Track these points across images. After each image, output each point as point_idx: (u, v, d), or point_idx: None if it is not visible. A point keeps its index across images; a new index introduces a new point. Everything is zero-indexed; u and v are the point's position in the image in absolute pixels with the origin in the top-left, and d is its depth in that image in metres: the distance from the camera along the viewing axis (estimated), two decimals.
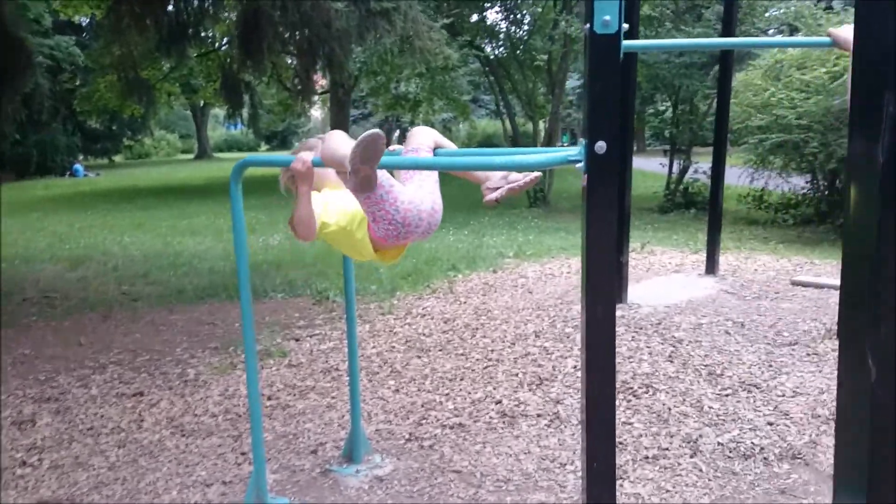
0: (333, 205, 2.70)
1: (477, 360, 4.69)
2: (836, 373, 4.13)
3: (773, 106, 9.18)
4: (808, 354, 4.52)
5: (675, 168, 13.49)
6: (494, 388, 4.19)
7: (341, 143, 2.47)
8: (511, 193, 2.64)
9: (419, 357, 4.80)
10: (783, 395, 3.91)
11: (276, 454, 3.57)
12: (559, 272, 7.13)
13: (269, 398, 4.25)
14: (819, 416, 3.64)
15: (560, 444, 3.51)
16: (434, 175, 2.70)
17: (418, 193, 2.60)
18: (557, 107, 14.96)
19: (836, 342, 4.74)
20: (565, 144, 23.03)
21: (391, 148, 2.76)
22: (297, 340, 5.27)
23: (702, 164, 13.26)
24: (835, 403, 3.76)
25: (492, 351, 4.82)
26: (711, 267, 6.67)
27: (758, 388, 4.02)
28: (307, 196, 2.52)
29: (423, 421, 3.84)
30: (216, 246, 9.74)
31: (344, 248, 2.83)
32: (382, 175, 2.47)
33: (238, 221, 2.77)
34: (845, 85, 8.37)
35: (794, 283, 6.34)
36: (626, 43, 2.16)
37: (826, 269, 6.99)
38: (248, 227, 11.46)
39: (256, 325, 5.63)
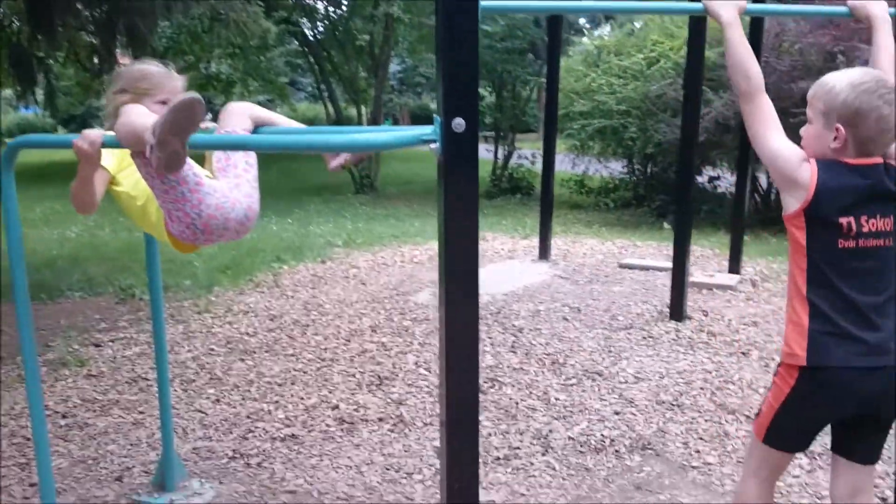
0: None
1: (309, 360, 4.29)
2: (672, 356, 4.11)
3: (594, 91, 9.37)
4: (644, 338, 4.51)
5: (500, 154, 13.61)
6: (330, 392, 3.82)
7: (142, 113, 1.99)
8: (356, 160, 2.30)
9: (242, 360, 4.32)
10: (626, 382, 3.83)
11: (72, 483, 3.01)
12: (392, 261, 6.84)
13: (63, 416, 3.63)
14: (663, 403, 3.58)
15: (405, 451, 3.21)
16: (253, 169, 2.24)
17: (231, 196, 2.14)
18: (380, 91, 14.64)
19: (669, 324, 4.82)
20: None
21: (204, 126, 2.29)
22: (97, 346, 4.61)
23: (524, 150, 13.47)
24: (675, 388, 3.74)
25: (325, 350, 4.44)
26: (544, 252, 6.63)
27: (601, 376, 3.92)
28: (89, 179, 2.03)
29: (250, 434, 3.40)
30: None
31: (133, 217, 2.34)
32: (188, 166, 2.01)
33: (10, 213, 2.23)
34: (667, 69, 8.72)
35: (622, 266, 6.43)
36: (484, 4, 1.86)
37: (648, 250, 7.18)
38: (42, 218, 10.22)
39: (50, 329, 4.90)
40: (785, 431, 1.98)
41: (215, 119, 2.46)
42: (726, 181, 9.40)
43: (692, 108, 4.81)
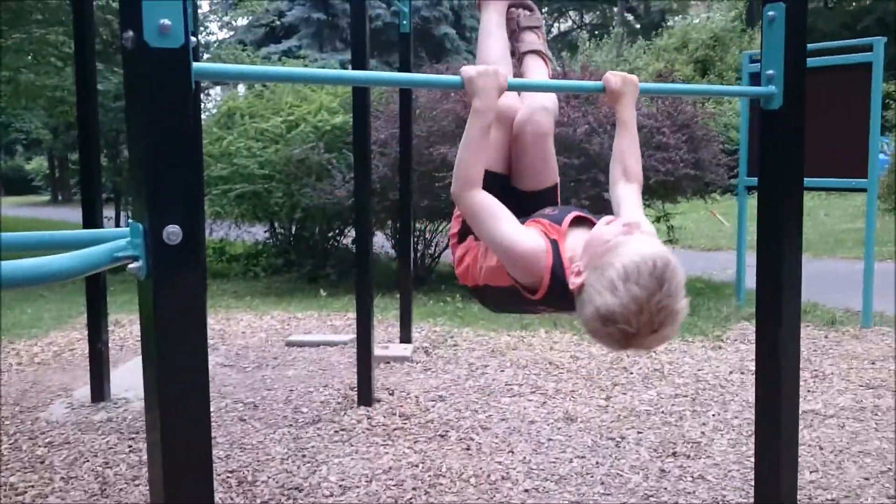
0: None
1: None
2: (372, 450, 3.74)
3: (232, 155, 8.82)
4: (337, 432, 4.08)
5: (122, 221, 12.28)
6: None
7: None
8: None
9: None
10: (332, 496, 3.36)
11: None
12: (5, 364, 5.53)
13: None
14: None
15: None
16: None
17: None
18: None
19: (360, 411, 4.45)
20: None
21: None
22: None
23: None
24: (388, 494, 3.36)
25: None
26: None
27: (301, 492, 3.40)
28: None
29: None
30: None
31: None
32: None
33: None
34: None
35: (290, 345, 5.96)
36: (198, 66, 1.32)
37: (312, 323, 6.81)
38: None
39: None
40: None
41: None
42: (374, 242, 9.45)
43: (362, 171, 4.56)
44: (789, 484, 2.14)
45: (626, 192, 1.92)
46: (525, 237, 1.76)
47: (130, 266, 1.30)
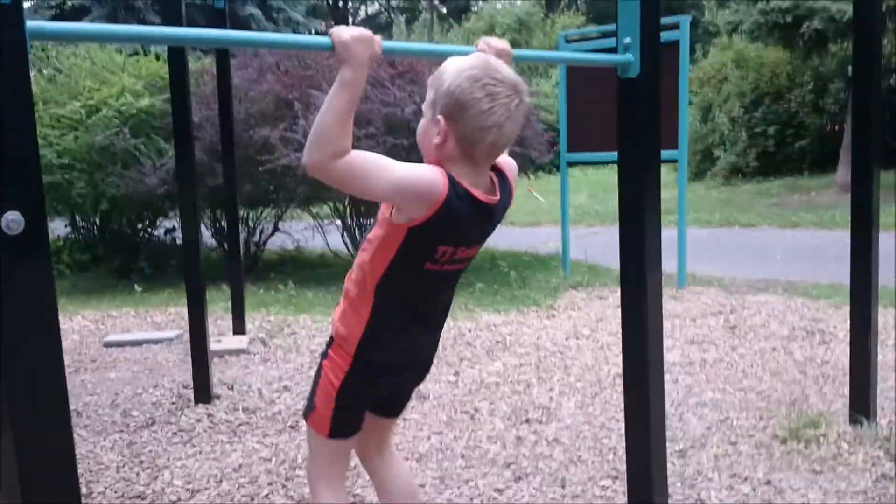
0: None
1: None
2: (219, 449, 3.50)
3: None
4: (175, 433, 3.78)
5: None
6: None
7: None
8: None
9: None
10: (180, 500, 3.09)
11: None
12: None
13: None
14: None
15: None
16: None
17: None
18: None
19: (198, 409, 4.13)
20: None
21: None
22: None
23: None
24: (243, 493, 3.14)
25: None
26: None
27: (143, 500, 3.10)
28: None
29: None
30: None
31: None
32: None
33: None
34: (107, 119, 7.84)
35: (108, 345, 5.48)
36: (33, 25, 1.10)
37: (130, 321, 6.31)
38: None
39: None
40: (349, 413, 1.93)
41: None
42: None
43: (186, 155, 4.22)
44: (659, 445, 2.21)
45: None
46: (418, 166, 1.70)
47: None
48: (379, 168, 1.65)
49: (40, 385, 1.11)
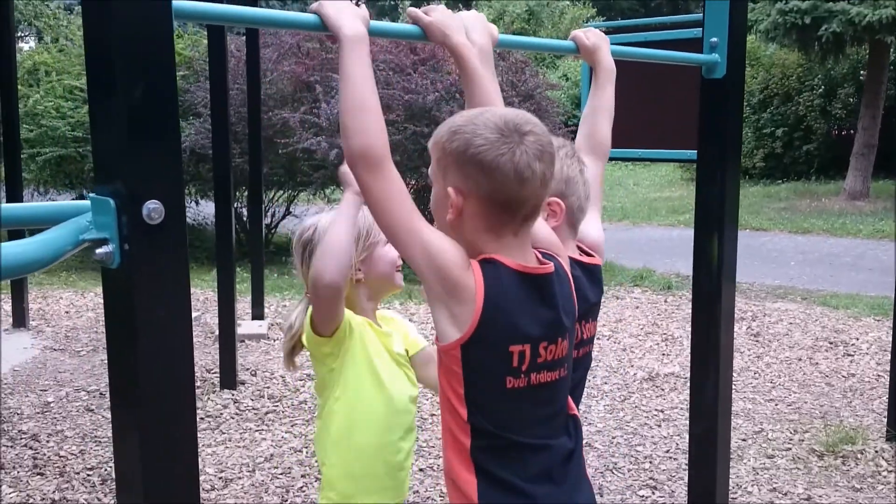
0: None
1: None
2: (248, 437, 3.47)
3: (39, 115, 7.88)
4: (203, 418, 3.74)
5: None
6: None
7: None
8: None
9: None
10: (214, 489, 3.07)
11: None
12: None
13: None
14: None
15: None
16: None
17: None
18: None
19: (224, 395, 4.09)
20: None
21: None
22: None
23: None
24: (277, 486, 3.12)
25: None
26: (20, 318, 5.22)
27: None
28: None
29: None
30: None
31: None
32: None
33: None
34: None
35: None
36: (178, 4, 1.06)
37: None
38: None
39: None
40: None
41: None
42: (193, 212, 8.83)
43: (222, 140, 4.18)
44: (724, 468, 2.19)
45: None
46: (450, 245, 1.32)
47: (97, 251, 1.03)
48: (405, 207, 1.28)
49: (176, 375, 1.08)
